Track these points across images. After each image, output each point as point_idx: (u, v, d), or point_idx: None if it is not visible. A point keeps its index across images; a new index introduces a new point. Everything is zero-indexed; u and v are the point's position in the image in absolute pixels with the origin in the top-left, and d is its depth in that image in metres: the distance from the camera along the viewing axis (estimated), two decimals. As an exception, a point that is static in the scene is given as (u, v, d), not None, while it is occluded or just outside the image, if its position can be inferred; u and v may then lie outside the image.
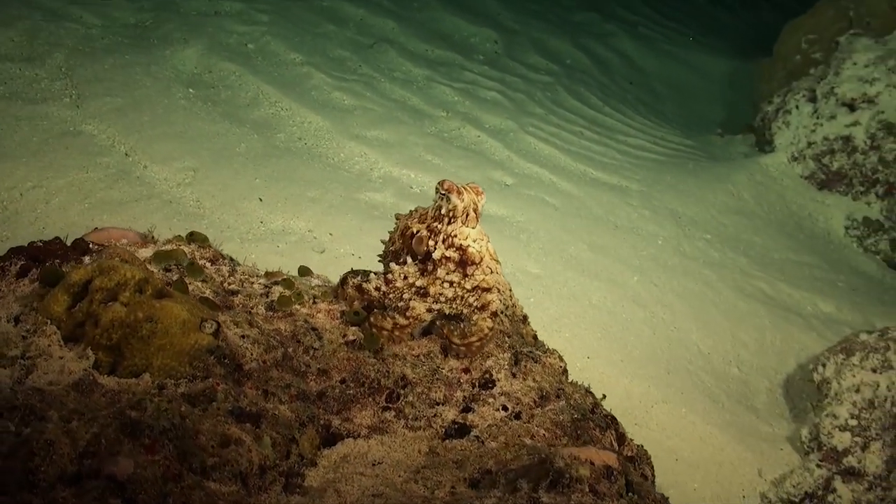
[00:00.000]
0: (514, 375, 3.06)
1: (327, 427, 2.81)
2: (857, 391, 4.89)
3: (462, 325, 3.06)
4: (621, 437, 3.12)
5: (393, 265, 3.16)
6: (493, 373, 3.04)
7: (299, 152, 7.17)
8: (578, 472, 2.38)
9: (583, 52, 12.93)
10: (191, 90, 7.44)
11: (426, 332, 3.20)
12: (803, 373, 5.91)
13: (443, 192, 2.99)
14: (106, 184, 5.77)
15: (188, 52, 8.04)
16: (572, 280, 6.31)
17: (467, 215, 2.99)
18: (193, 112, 7.08)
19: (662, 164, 8.98)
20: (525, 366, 3.10)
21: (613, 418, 3.12)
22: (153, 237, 3.47)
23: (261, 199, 6.24)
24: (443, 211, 3.00)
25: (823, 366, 5.28)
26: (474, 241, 3.00)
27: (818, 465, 4.79)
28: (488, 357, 3.08)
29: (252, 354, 2.81)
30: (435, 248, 3.01)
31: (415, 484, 2.60)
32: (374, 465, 2.67)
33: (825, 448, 4.82)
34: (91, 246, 3.16)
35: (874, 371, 4.96)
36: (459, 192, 2.96)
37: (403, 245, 3.18)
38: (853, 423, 4.81)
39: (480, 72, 10.63)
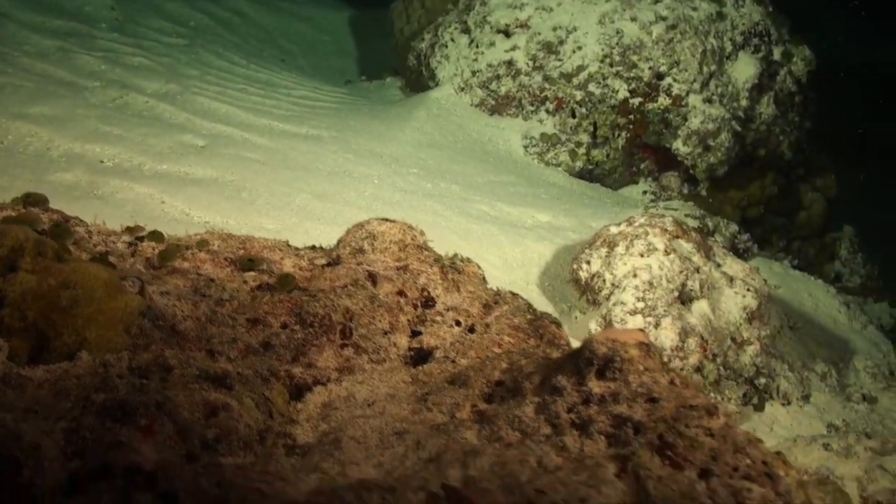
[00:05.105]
0: (447, 290, 2.78)
1: (290, 378, 2.35)
2: (635, 276, 5.15)
3: None
4: (559, 332, 2.97)
5: None
6: (430, 290, 2.74)
7: (-42, 139, 6.06)
8: (629, 353, 2.19)
9: (202, 13, 12.28)
10: None
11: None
12: (552, 277, 6.13)
13: None
14: None
15: None
16: (313, 230, 5.97)
17: None
18: None
19: (338, 111, 8.81)
20: (452, 278, 2.83)
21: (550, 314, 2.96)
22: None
23: (-63, 194, 5.18)
24: None
25: (588, 262, 5.49)
26: None
27: (618, 352, 4.98)
28: (419, 274, 2.77)
29: (183, 312, 2.27)
30: None
31: (429, 412, 2.25)
32: (368, 405, 2.28)
33: (621, 334, 5.02)
34: None
35: (642, 256, 5.24)
36: None
37: None
38: (641, 305, 5.06)
39: (112, 39, 9.70)
